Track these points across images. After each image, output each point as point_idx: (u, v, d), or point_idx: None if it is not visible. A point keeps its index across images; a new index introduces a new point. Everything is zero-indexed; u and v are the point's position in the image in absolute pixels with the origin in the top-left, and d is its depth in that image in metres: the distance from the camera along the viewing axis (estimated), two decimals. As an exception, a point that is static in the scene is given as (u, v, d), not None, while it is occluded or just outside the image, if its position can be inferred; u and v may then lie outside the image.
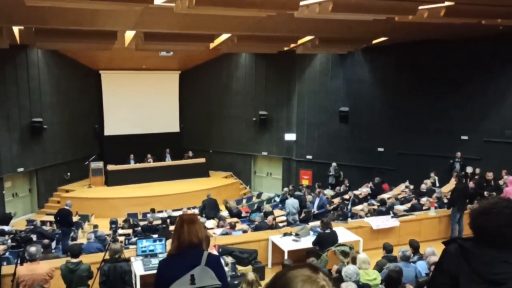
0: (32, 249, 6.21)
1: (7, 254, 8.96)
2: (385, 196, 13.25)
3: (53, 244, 10.57)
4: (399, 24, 9.79)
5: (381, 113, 16.29)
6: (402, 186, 14.94)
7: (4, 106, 15.25)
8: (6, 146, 15.39)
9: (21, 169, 16.12)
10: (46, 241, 8.81)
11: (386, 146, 16.23)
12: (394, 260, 6.92)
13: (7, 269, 7.02)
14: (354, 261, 6.46)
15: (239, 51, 17.94)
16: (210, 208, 14.21)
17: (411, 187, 14.46)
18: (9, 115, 15.48)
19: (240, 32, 11.48)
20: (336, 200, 14.49)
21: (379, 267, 6.78)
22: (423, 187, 13.46)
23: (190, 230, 2.91)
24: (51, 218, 13.44)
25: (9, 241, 10.62)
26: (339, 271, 5.76)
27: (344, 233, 9.05)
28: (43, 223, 13.26)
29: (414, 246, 7.42)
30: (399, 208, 11.85)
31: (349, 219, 10.61)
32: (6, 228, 12.00)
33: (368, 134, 16.55)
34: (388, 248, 7.27)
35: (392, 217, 10.41)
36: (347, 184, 16.20)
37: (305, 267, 1.48)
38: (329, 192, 16.01)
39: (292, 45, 14.19)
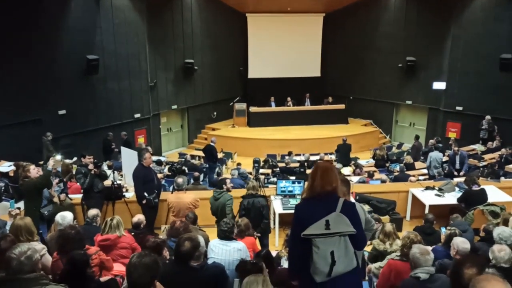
0: (180, 180, 7.00)
1: (163, 182, 10.05)
2: (548, 156, 11.75)
3: (201, 177, 11.57)
4: None
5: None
6: None
7: (161, 48, 16.68)
8: (162, 85, 16.96)
9: (174, 107, 17.73)
10: (196, 173, 9.65)
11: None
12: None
13: (164, 195, 7.92)
14: (505, 223, 5.92)
15: (390, -9, 16.75)
16: (343, 153, 14.10)
17: None
18: (166, 56, 16.89)
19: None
20: (487, 157, 13.26)
21: (536, 233, 6.11)
22: None
23: (324, 178, 2.94)
24: (199, 153, 14.68)
25: (165, 170, 11.91)
26: (488, 232, 5.33)
27: (495, 192, 8.37)
28: (193, 157, 14.54)
29: None
30: None
31: (502, 178, 9.70)
32: (162, 158, 13.43)
33: (534, 85, 14.52)
34: (548, 214, 6.50)
35: (555, 180, 9.24)
36: (501, 140, 14.64)
37: None
38: (479, 147, 14.73)
39: (451, -17, 12.78)
